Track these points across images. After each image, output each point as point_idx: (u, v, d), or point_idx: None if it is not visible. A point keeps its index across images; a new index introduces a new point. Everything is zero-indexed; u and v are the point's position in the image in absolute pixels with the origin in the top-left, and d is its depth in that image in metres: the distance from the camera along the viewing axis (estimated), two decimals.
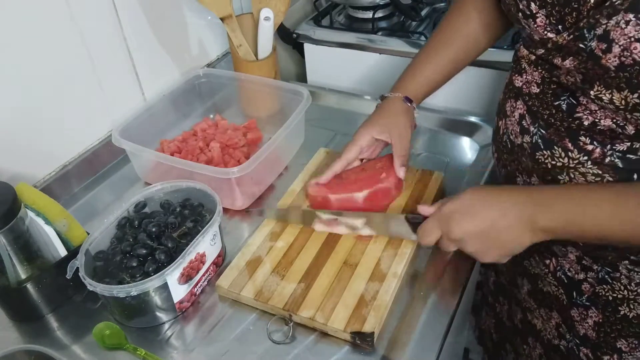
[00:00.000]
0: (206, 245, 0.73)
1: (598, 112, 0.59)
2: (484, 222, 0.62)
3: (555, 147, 0.64)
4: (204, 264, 0.74)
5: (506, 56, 1.05)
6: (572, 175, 0.64)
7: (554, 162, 0.65)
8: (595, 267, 0.70)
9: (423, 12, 1.28)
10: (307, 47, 1.28)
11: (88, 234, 0.75)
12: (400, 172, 0.81)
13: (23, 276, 0.71)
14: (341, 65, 1.25)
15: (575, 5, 0.55)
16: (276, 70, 1.11)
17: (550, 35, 0.59)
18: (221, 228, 0.78)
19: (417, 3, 1.28)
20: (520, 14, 0.62)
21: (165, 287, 0.68)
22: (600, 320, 0.72)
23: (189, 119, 1.07)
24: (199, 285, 0.74)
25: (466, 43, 0.81)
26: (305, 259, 0.76)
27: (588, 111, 0.60)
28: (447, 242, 0.66)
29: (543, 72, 0.64)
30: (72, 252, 0.74)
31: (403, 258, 0.75)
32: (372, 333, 0.65)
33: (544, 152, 0.66)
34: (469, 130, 1.01)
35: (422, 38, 1.17)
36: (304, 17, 1.34)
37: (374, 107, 0.85)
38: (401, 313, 0.70)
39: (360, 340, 0.66)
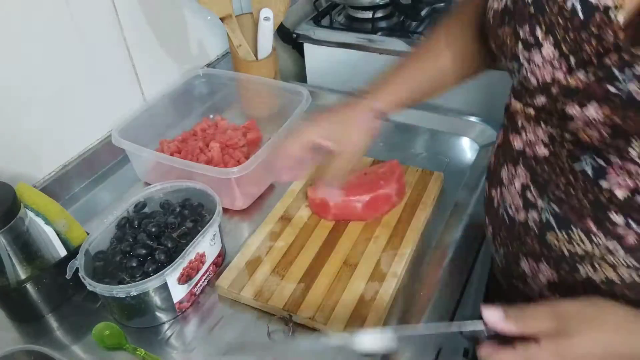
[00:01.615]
0: (206, 245, 0.73)
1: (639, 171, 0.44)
2: (609, 347, 0.44)
3: (573, 229, 0.50)
4: (203, 264, 0.74)
5: None
6: (597, 266, 0.50)
7: (571, 248, 0.51)
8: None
9: (423, 12, 1.28)
10: (307, 47, 1.28)
11: (88, 234, 0.75)
12: (322, 191, 0.72)
13: (23, 276, 0.71)
14: (341, 65, 1.25)
15: (596, 31, 0.42)
16: (276, 70, 1.11)
17: (557, 74, 0.46)
18: (221, 228, 0.78)
19: (417, 3, 1.28)
20: (520, 45, 0.49)
21: (165, 287, 0.68)
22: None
23: (189, 119, 1.07)
24: (198, 285, 0.74)
25: (450, 63, 0.68)
26: (305, 259, 0.76)
27: (624, 172, 0.45)
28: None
29: (550, 128, 0.50)
30: (72, 252, 0.74)
31: (403, 258, 0.75)
32: None
33: (558, 234, 0.52)
34: (469, 130, 1.01)
35: (422, 38, 1.16)
36: (304, 17, 1.34)
37: None
38: (401, 313, 0.70)
39: None
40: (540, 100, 0.50)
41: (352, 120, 0.67)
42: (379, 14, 1.25)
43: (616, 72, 0.42)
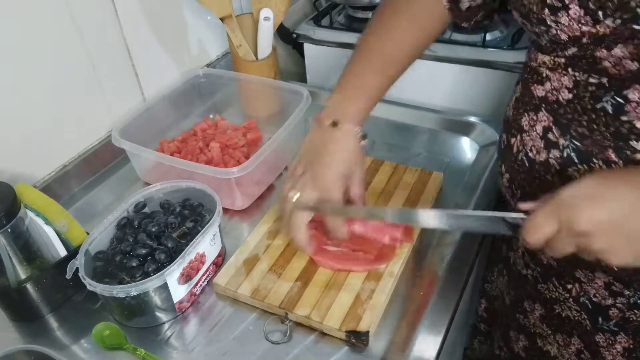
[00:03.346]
0: (206, 245, 0.73)
1: None
2: (620, 208, 0.48)
3: (595, 161, 0.56)
4: (203, 264, 0.74)
5: (506, 56, 1.06)
6: None
7: None
8: (626, 292, 0.63)
9: None
10: (307, 47, 1.28)
11: (88, 234, 0.75)
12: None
13: (23, 276, 0.71)
14: (341, 65, 1.23)
15: None
16: (276, 70, 1.11)
17: (585, 28, 0.51)
18: (221, 228, 0.78)
19: None
20: (546, 10, 0.53)
21: (165, 287, 0.68)
22: (631, 346, 0.65)
23: (189, 119, 1.07)
24: (198, 285, 0.74)
25: (413, 46, 0.72)
26: (302, 257, 0.76)
27: None
28: (566, 239, 0.51)
29: (576, 73, 0.55)
30: (72, 252, 0.74)
31: (400, 258, 0.75)
32: (367, 332, 0.65)
33: (579, 167, 0.57)
34: (469, 130, 1.01)
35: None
36: (304, 17, 1.34)
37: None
38: (401, 313, 0.70)
39: (355, 339, 0.66)
40: (571, 50, 0.54)
41: (344, 155, 0.70)
42: None
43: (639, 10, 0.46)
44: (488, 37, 1.10)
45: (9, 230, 0.67)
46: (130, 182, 0.97)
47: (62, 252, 0.74)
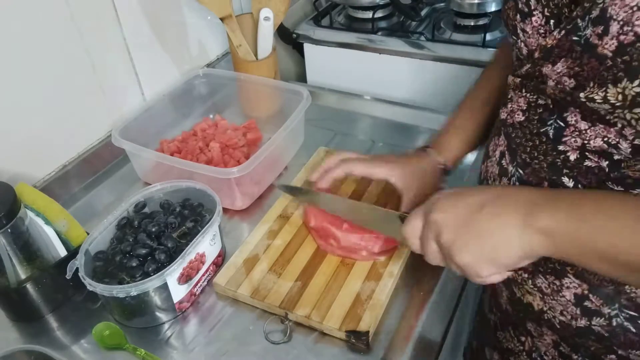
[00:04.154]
0: (206, 245, 0.73)
1: (588, 131, 0.49)
2: (468, 206, 0.51)
3: None
4: (203, 264, 0.74)
5: None
6: None
7: None
8: (574, 356, 0.61)
9: (423, 12, 1.28)
10: (307, 47, 1.28)
11: (88, 234, 0.75)
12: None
13: (23, 276, 0.71)
14: (341, 65, 1.25)
15: None
16: (276, 70, 1.11)
17: (540, 40, 0.51)
18: (221, 228, 0.78)
19: (417, 3, 1.28)
20: (518, 16, 0.53)
21: (165, 287, 0.68)
22: None
23: (189, 119, 1.07)
24: (198, 285, 0.74)
25: (487, 121, 0.73)
26: (302, 257, 0.76)
27: (577, 132, 0.50)
28: (427, 233, 0.55)
29: (528, 94, 0.55)
30: (72, 252, 0.74)
31: (400, 258, 0.75)
32: (367, 332, 0.65)
33: None
34: None
35: (422, 38, 1.17)
36: (304, 17, 1.35)
37: (374, 107, 0.84)
38: (401, 314, 0.70)
39: (355, 339, 0.66)
40: (526, 67, 0.53)
41: (419, 169, 0.74)
42: (379, 14, 1.25)
43: (579, 22, 0.45)
44: (488, 37, 1.10)
45: (9, 230, 0.67)
46: (130, 182, 0.97)
47: (62, 252, 0.74)
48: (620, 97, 0.44)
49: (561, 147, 0.52)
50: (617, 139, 0.47)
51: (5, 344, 0.70)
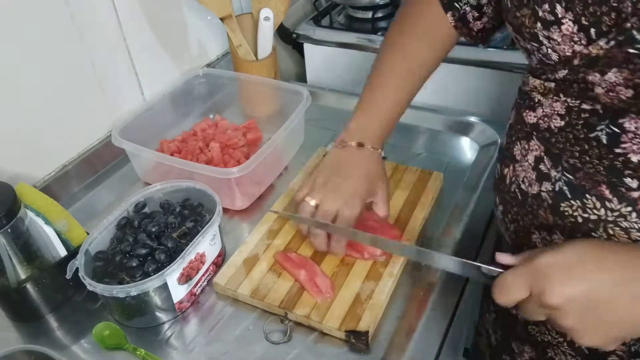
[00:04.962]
0: (206, 245, 0.73)
1: None
2: (597, 287, 0.45)
3: (587, 196, 0.52)
4: (203, 264, 0.74)
5: (506, 56, 1.06)
6: (611, 232, 0.52)
7: (585, 215, 0.53)
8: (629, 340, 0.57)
9: None
10: (307, 47, 1.28)
11: (88, 234, 0.75)
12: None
13: (23, 276, 0.71)
14: (341, 65, 1.25)
15: (615, 4, 0.44)
16: (276, 70, 1.11)
17: (577, 47, 0.48)
18: (221, 228, 0.78)
19: None
20: (539, 24, 0.50)
21: (165, 287, 0.68)
22: None
23: (189, 119, 1.07)
24: (198, 285, 0.74)
25: (434, 65, 0.74)
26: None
27: (639, 139, 0.47)
28: (536, 308, 0.48)
29: (568, 99, 0.52)
30: (72, 252, 0.74)
31: (400, 258, 0.75)
32: (367, 332, 0.65)
33: (572, 202, 0.54)
34: (469, 130, 1.01)
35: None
36: (304, 17, 1.34)
37: None
38: (400, 314, 0.70)
39: (355, 339, 0.66)
40: (562, 73, 0.52)
41: (373, 172, 0.74)
42: (379, 14, 1.25)
43: (636, 34, 0.43)
44: None
45: (9, 230, 0.67)
46: (130, 182, 0.97)
47: (62, 252, 0.74)
48: None
49: (619, 151, 0.49)
50: None
51: (5, 344, 0.70)
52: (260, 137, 1.02)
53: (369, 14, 1.23)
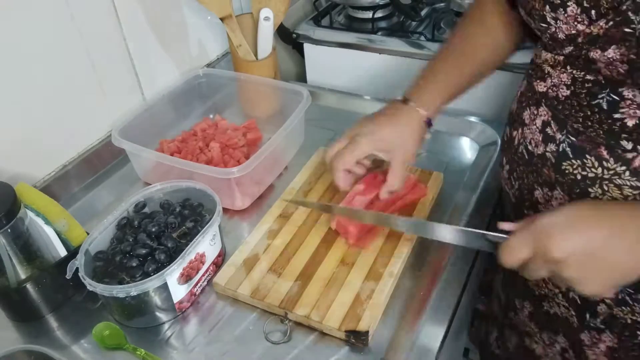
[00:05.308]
0: (206, 245, 0.73)
1: None
2: (594, 240, 0.50)
3: (587, 156, 0.58)
4: (203, 264, 0.74)
5: None
6: (606, 188, 0.57)
7: (584, 173, 0.59)
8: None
9: (423, 12, 1.28)
10: (307, 47, 1.28)
11: (88, 234, 0.75)
12: (384, 194, 0.75)
13: (23, 276, 0.71)
14: (341, 65, 1.25)
15: None
16: (276, 70, 1.11)
17: (580, 27, 0.54)
18: (221, 228, 0.78)
19: (417, 3, 1.28)
20: (547, 7, 0.56)
21: (165, 287, 0.68)
22: (615, 346, 0.66)
23: (189, 119, 1.07)
24: (198, 285, 0.74)
25: (489, 54, 0.75)
26: (302, 257, 0.77)
27: (635, 105, 0.53)
28: (540, 264, 0.52)
29: (574, 71, 0.58)
30: (72, 252, 0.74)
31: (400, 258, 0.75)
32: (367, 332, 0.65)
33: (573, 161, 0.59)
34: (469, 130, 1.01)
35: (422, 38, 1.16)
36: (304, 17, 1.34)
37: (374, 107, 0.84)
38: (401, 314, 0.70)
39: (355, 338, 0.66)
40: (568, 49, 0.57)
41: (404, 128, 0.73)
42: (379, 14, 1.25)
43: (631, 15, 0.48)
44: None
45: (9, 230, 0.67)
46: (130, 182, 0.97)
47: (62, 252, 0.74)
48: None
49: (617, 116, 0.55)
50: None
51: (5, 344, 0.70)
52: (260, 137, 1.02)
53: (369, 14, 1.23)
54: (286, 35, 1.28)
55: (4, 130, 0.81)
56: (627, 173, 0.56)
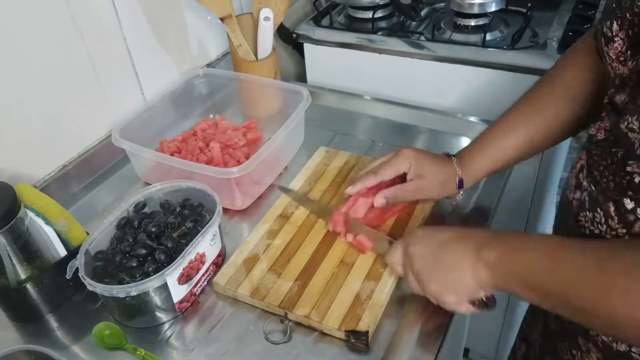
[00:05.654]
0: (206, 245, 0.73)
1: None
2: (437, 242, 0.62)
3: (599, 210, 0.56)
4: (203, 264, 0.74)
5: (506, 56, 1.06)
6: None
7: (592, 228, 0.57)
8: None
9: (423, 12, 1.28)
10: (307, 47, 1.28)
11: (88, 234, 0.75)
12: (379, 201, 0.76)
13: (23, 276, 0.71)
14: (341, 65, 1.25)
15: None
16: (276, 70, 1.11)
17: (621, 68, 0.51)
18: (221, 228, 0.78)
19: (417, 3, 1.28)
20: (603, 40, 0.53)
21: (165, 287, 0.68)
22: None
23: (189, 119, 1.07)
24: (198, 285, 0.74)
25: (550, 122, 0.70)
26: (302, 257, 0.77)
27: None
28: (404, 261, 0.66)
29: (612, 116, 0.55)
30: (72, 252, 0.74)
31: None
32: (367, 332, 0.65)
33: (587, 213, 0.57)
34: (469, 130, 1.01)
35: (422, 38, 1.17)
36: (304, 17, 1.35)
37: (374, 107, 0.84)
38: (400, 314, 0.70)
39: (355, 339, 0.66)
40: (610, 90, 0.54)
41: (440, 169, 0.76)
42: (379, 14, 1.25)
43: None
44: (488, 37, 1.10)
45: (9, 230, 0.67)
46: (130, 182, 0.97)
47: (62, 252, 0.74)
48: None
49: (628, 169, 0.51)
50: None
51: (5, 344, 0.70)
52: (260, 137, 1.02)
53: (369, 14, 1.23)
54: (286, 35, 1.28)
55: (4, 130, 0.81)
56: (627, 238, 0.53)
